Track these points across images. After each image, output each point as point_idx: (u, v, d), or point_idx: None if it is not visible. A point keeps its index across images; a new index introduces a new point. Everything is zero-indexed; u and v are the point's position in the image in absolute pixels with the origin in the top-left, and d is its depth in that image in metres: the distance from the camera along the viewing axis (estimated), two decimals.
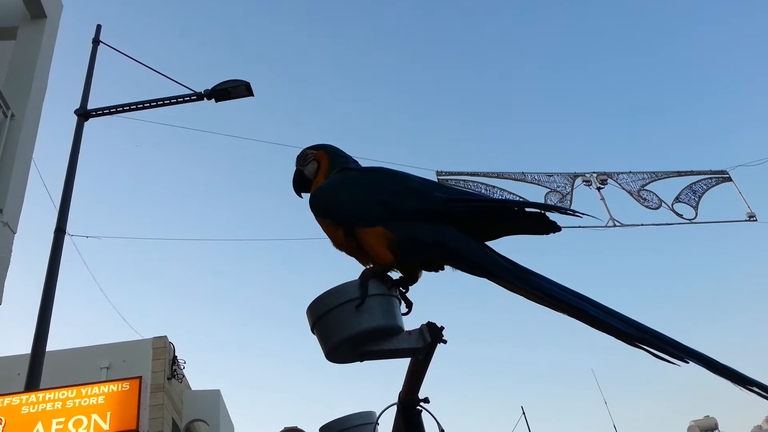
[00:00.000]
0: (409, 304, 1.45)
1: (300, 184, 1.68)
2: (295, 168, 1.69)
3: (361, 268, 1.41)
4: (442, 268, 1.42)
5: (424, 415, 1.61)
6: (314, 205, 1.52)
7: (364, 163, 1.67)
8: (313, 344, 1.37)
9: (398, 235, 1.35)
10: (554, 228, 1.35)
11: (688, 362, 1.13)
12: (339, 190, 1.50)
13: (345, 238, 1.42)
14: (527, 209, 1.41)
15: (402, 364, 1.53)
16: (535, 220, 1.36)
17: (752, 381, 1.08)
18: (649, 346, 1.16)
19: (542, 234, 1.37)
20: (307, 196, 1.63)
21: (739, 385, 1.10)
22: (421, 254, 1.35)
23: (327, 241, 1.51)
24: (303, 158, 1.68)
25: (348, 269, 1.52)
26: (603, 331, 1.22)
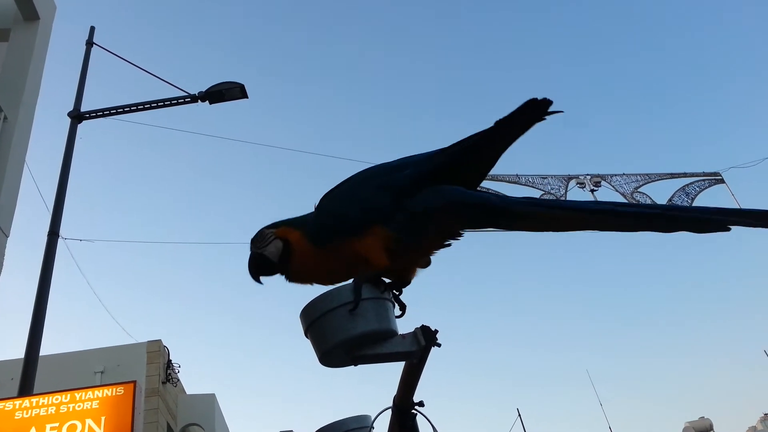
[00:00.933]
0: (403, 307, 1.45)
1: (260, 266, 1.50)
2: (250, 251, 1.52)
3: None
4: (457, 236, 1.39)
5: (419, 418, 1.61)
6: (317, 234, 1.43)
7: (358, 166, 1.65)
8: (307, 348, 1.36)
9: (397, 222, 1.33)
10: (546, 106, 1.24)
11: (729, 229, 1.10)
12: (335, 207, 1.46)
13: (342, 254, 1.38)
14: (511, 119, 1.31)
15: (396, 368, 1.53)
16: (530, 113, 1.26)
17: None
18: (686, 228, 1.14)
19: (541, 120, 1.28)
20: (267, 279, 1.51)
21: None
22: (431, 225, 1.33)
23: None
24: (261, 239, 1.51)
25: None
26: (637, 229, 1.20)
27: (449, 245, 1.41)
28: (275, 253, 1.48)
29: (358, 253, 1.37)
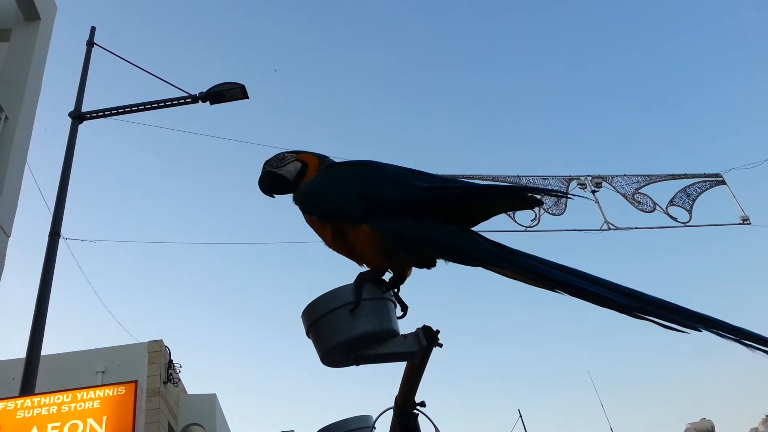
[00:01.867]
0: (405, 308, 1.45)
1: (273, 184, 1.60)
2: (263, 170, 1.62)
3: (357, 268, 1.41)
4: (434, 264, 1.40)
5: (421, 418, 1.61)
6: (302, 201, 1.51)
7: None
8: (308, 348, 1.37)
9: (382, 232, 1.33)
10: (536, 202, 1.34)
11: (700, 330, 1.09)
12: (322, 185, 1.49)
13: (333, 237, 1.41)
14: (506, 190, 1.42)
15: (398, 368, 1.53)
16: (517, 198, 1.36)
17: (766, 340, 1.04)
18: (653, 317, 1.12)
19: (527, 209, 1.39)
20: (281, 196, 1.62)
21: (754, 345, 1.05)
22: (407, 250, 1.33)
23: (321, 244, 1.51)
24: (278, 160, 1.61)
25: (344, 272, 1.52)
26: (600, 305, 1.19)
27: (429, 269, 1.41)
28: (292, 172, 1.58)
29: (346, 242, 1.40)
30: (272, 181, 1.60)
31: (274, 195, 1.62)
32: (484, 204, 1.38)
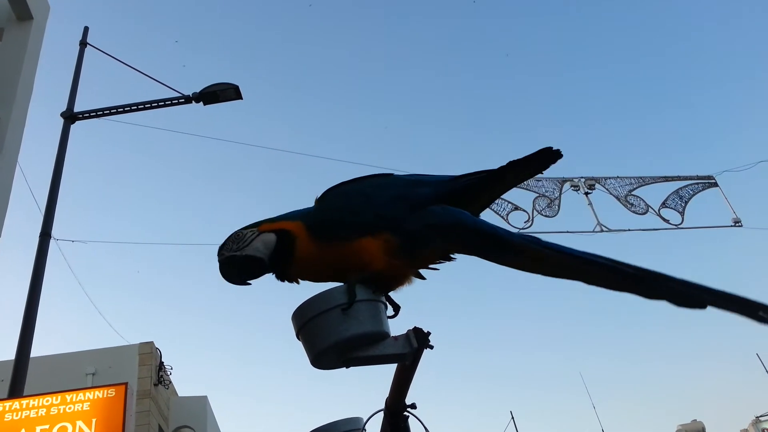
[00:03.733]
0: (397, 308, 1.44)
1: (244, 268, 1.39)
2: (221, 257, 1.39)
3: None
4: (449, 259, 1.40)
5: (412, 421, 1.61)
6: (325, 228, 1.38)
7: (351, 167, 1.65)
8: (299, 350, 1.36)
9: (405, 232, 1.33)
10: (557, 155, 1.34)
11: (706, 307, 1.09)
12: (346, 203, 1.42)
13: (344, 252, 1.36)
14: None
15: (389, 370, 1.52)
16: (538, 160, 1.35)
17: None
18: (671, 296, 1.13)
19: (547, 167, 1.37)
20: (256, 280, 1.43)
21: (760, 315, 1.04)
22: (437, 240, 1.34)
23: None
24: (237, 241, 1.39)
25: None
26: (625, 290, 1.19)
27: (437, 269, 1.41)
28: (263, 249, 1.39)
29: (360, 254, 1.34)
30: (241, 265, 1.38)
31: (250, 282, 1.42)
32: (506, 180, 1.41)
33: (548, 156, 1.34)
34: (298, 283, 1.43)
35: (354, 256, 1.34)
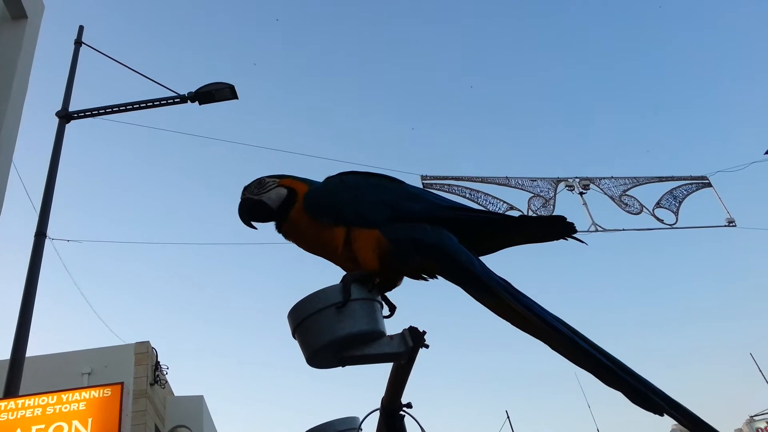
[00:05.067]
0: (392, 308, 1.46)
1: (255, 211, 1.52)
2: (243, 197, 1.54)
3: (341, 272, 1.42)
4: (434, 276, 1.41)
5: (407, 420, 1.62)
6: (310, 202, 1.48)
7: (347, 167, 1.68)
8: (295, 349, 1.37)
9: (394, 237, 1.35)
10: (572, 230, 1.33)
11: (662, 415, 1.10)
12: (340, 189, 1.49)
13: (335, 241, 1.41)
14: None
15: (385, 370, 1.54)
16: (550, 226, 1.36)
17: None
18: (628, 391, 1.13)
19: (552, 240, 1.36)
20: (261, 225, 1.55)
21: None
22: (417, 257, 1.35)
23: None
24: (259, 185, 1.54)
25: (331, 273, 1.52)
26: (584, 368, 1.18)
27: (426, 280, 1.43)
28: (276, 200, 1.50)
29: (330, 241, 1.41)
30: (252, 208, 1.52)
31: (254, 225, 1.54)
32: (510, 232, 1.41)
33: (560, 224, 1.33)
34: (287, 239, 1.52)
35: (324, 239, 1.42)
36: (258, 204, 1.51)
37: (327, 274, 1.52)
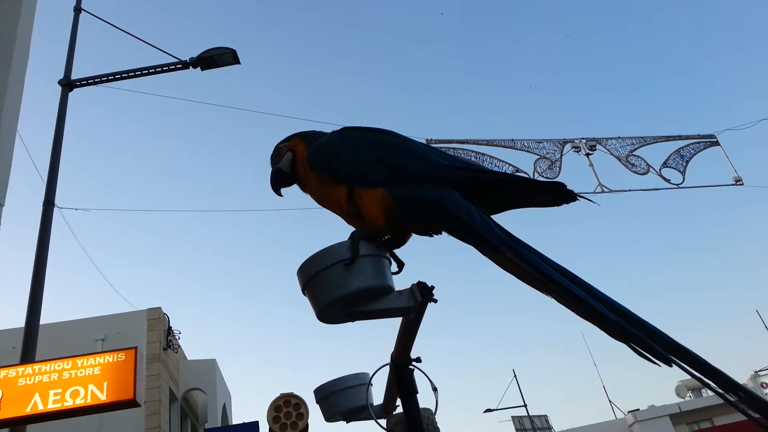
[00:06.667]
0: (401, 264, 1.47)
1: (278, 181, 1.64)
2: (271, 168, 1.65)
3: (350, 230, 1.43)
4: (438, 233, 1.42)
5: (417, 374, 1.65)
6: (313, 159, 1.52)
7: None
8: (305, 309, 1.39)
9: (399, 196, 1.36)
10: (572, 198, 1.32)
11: (671, 365, 1.07)
12: (340, 146, 1.50)
13: (340, 197, 1.44)
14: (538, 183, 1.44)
15: (394, 325, 1.56)
16: (550, 192, 1.35)
17: (739, 387, 1.01)
18: (633, 341, 1.11)
19: (555, 205, 1.35)
20: (287, 190, 1.66)
21: (725, 392, 1.02)
22: (421, 215, 1.36)
23: (321, 211, 1.53)
24: (276, 155, 1.64)
25: (341, 235, 1.53)
26: (588, 320, 1.17)
27: (431, 236, 1.44)
28: (287, 164, 1.62)
29: (331, 196, 1.47)
30: (276, 178, 1.64)
31: (282, 194, 1.66)
32: (515, 195, 1.40)
33: (560, 191, 1.32)
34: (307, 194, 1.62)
35: (330, 195, 1.48)
36: (278, 172, 1.63)
37: (341, 236, 1.53)
